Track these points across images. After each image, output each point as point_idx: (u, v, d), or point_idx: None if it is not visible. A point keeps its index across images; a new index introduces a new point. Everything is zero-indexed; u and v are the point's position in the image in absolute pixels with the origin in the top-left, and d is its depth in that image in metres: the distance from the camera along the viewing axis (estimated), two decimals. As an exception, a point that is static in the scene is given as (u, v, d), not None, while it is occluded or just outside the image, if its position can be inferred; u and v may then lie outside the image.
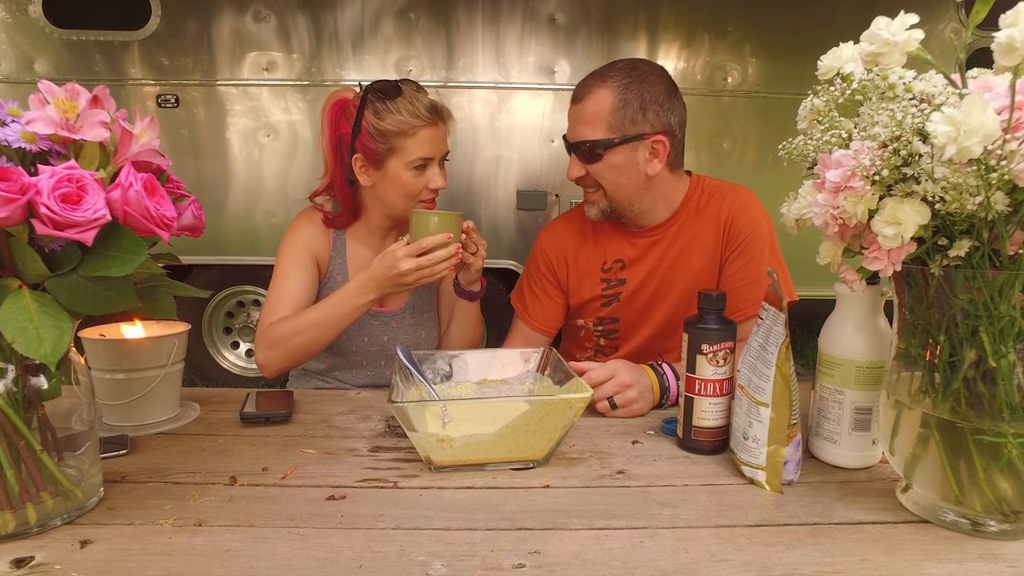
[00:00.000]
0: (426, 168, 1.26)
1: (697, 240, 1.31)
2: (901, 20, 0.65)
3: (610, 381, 1.03)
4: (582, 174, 1.25)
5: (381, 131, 1.23)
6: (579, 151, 1.24)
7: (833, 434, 0.85)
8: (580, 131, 1.23)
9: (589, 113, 1.22)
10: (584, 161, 1.24)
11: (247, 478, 0.82)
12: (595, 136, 1.21)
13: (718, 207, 1.31)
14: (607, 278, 1.36)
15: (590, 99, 1.22)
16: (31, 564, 0.63)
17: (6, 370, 0.67)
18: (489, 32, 2.76)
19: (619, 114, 1.20)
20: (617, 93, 1.20)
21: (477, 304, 1.37)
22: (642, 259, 1.34)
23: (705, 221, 1.31)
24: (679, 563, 0.64)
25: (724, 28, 2.80)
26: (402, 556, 0.65)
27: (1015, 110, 0.58)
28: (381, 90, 1.24)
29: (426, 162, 1.25)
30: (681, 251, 1.31)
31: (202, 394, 1.16)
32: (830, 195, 0.68)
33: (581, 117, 1.23)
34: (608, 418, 1.04)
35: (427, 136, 1.24)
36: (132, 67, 2.75)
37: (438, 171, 1.28)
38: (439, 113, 1.26)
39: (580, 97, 1.23)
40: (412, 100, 1.23)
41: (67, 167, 0.62)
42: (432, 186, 1.27)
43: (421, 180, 1.27)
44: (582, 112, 1.23)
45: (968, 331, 0.66)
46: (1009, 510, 0.68)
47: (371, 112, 1.23)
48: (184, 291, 0.83)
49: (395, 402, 0.79)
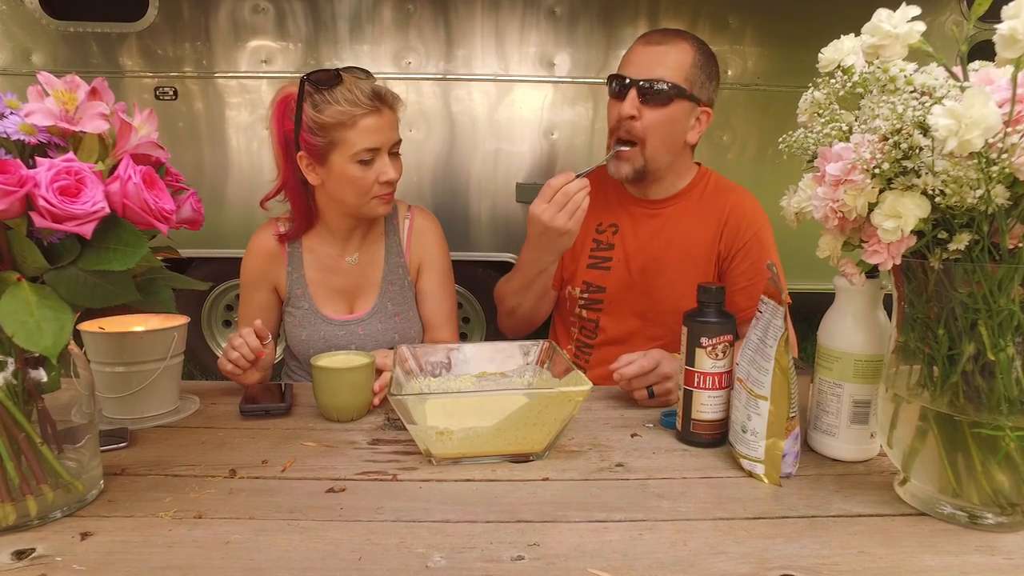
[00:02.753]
0: (374, 160, 1.19)
1: (696, 229, 1.32)
2: (902, 12, 0.65)
3: (653, 371, 1.03)
4: (634, 113, 1.22)
5: (320, 124, 1.16)
6: (647, 90, 1.21)
7: (831, 427, 0.85)
8: (656, 70, 1.21)
9: (672, 58, 1.22)
10: (646, 103, 1.22)
11: (247, 471, 0.82)
12: (669, 78, 1.21)
13: (723, 202, 1.33)
14: (599, 239, 1.37)
15: (673, 45, 1.22)
16: (32, 556, 0.63)
17: (6, 363, 0.67)
18: (488, 24, 2.75)
19: (696, 71, 1.23)
20: (698, 52, 1.24)
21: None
22: (636, 230, 1.35)
23: (707, 213, 1.33)
24: (678, 555, 0.64)
25: (724, 20, 2.79)
26: (401, 548, 0.65)
27: (1016, 103, 0.58)
28: (317, 80, 1.16)
29: (372, 153, 1.18)
30: (678, 234, 1.33)
31: (202, 387, 1.16)
32: (830, 188, 0.67)
33: (661, 59, 1.22)
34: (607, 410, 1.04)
35: (370, 125, 1.16)
36: (130, 59, 2.73)
37: (388, 162, 1.20)
38: (382, 99, 1.18)
39: (660, 41, 1.23)
40: (351, 88, 1.15)
41: (65, 159, 0.62)
42: (383, 179, 1.20)
43: (370, 174, 1.19)
44: (663, 54, 1.22)
45: (967, 325, 0.66)
46: (1006, 503, 0.68)
47: (309, 105, 1.16)
48: (183, 284, 0.82)
49: (394, 395, 0.80)
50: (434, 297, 1.38)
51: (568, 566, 0.62)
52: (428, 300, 1.38)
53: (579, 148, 2.83)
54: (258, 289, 1.33)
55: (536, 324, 1.43)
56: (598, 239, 1.37)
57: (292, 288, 1.32)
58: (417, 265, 1.38)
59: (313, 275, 1.32)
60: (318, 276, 1.33)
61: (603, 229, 1.37)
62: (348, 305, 1.35)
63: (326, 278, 1.33)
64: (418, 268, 1.39)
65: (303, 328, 1.32)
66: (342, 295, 1.34)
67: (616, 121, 1.25)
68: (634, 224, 1.35)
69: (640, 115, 1.22)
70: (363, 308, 1.34)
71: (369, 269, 1.35)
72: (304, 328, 1.32)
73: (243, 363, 1.05)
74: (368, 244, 1.35)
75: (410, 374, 0.97)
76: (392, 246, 1.36)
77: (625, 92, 1.23)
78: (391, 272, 1.35)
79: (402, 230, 1.37)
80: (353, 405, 0.99)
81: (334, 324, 1.32)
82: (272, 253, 1.32)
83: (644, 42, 1.25)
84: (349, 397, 0.99)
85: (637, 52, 1.25)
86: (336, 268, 1.33)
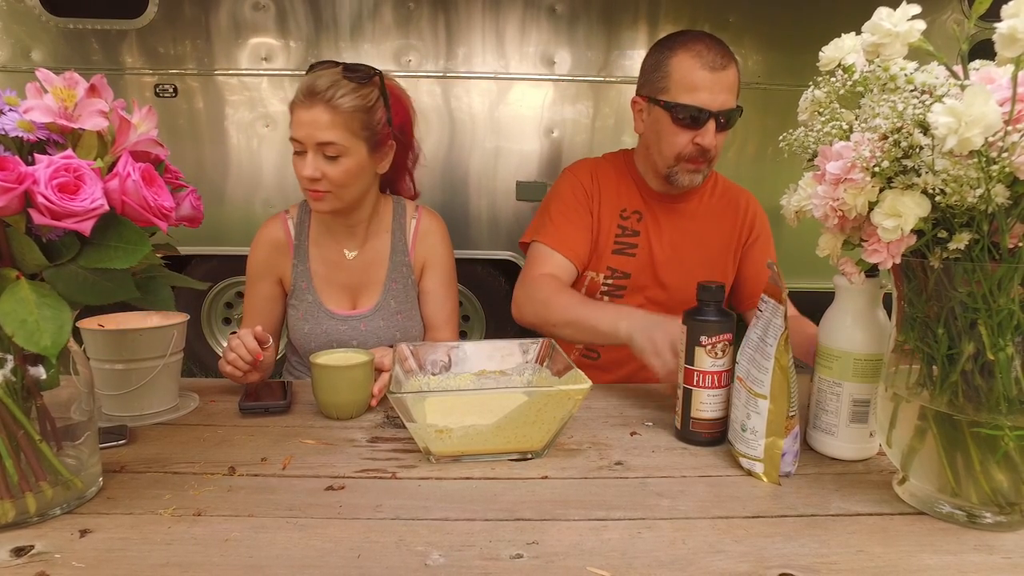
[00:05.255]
0: (305, 154, 1.18)
1: (714, 224, 1.39)
2: (903, 10, 0.65)
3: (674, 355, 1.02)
4: (715, 143, 1.25)
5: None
6: (725, 123, 1.24)
7: (831, 426, 0.85)
8: (726, 100, 1.23)
9: (733, 82, 1.24)
10: (720, 130, 1.25)
11: (246, 468, 0.82)
12: (735, 105, 1.25)
13: (736, 198, 1.42)
14: (624, 225, 1.38)
15: (731, 69, 1.24)
16: (31, 553, 0.63)
17: (5, 360, 0.66)
18: (489, 22, 2.75)
19: (738, 85, 1.26)
20: (737, 66, 1.26)
21: None
22: (658, 220, 1.38)
23: (725, 208, 1.41)
24: (676, 554, 0.64)
25: (725, 18, 2.79)
26: (400, 546, 0.65)
27: (1017, 102, 0.58)
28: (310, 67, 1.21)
29: (300, 146, 1.18)
30: (696, 227, 1.38)
31: (201, 385, 1.16)
32: (830, 187, 0.67)
33: (727, 86, 1.23)
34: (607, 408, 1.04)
35: (298, 118, 1.17)
36: (129, 56, 2.73)
37: (309, 159, 1.18)
38: (314, 94, 1.16)
39: (724, 66, 1.23)
40: (311, 78, 1.17)
41: (64, 156, 0.62)
42: (300, 173, 1.19)
43: (299, 166, 1.19)
44: (727, 81, 1.23)
45: (966, 324, 0.66)
46: (1005, 502, 0.68)
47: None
48: (183, 282, 0.82)
49: (394, 393, 0.80)
50: (436, 297, 1.38)
51: (567, 564, 0.62)
52: (430, 300, 1.39)
53: (579, 146, 2.83)
54: (263, 280, 1.34)
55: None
56: (623, 225, 1.38)
57: (297, 281, 1.33)
58: (421, 265, 1.39)
59: (318, 269, 1.33)
60: (323, 270, 1.33)
61: (627, 215, 1.38)
62: (351, 301, 1.35)
63: (330, 273, 1.34)
64: (422, 268, 1.39)
65: (306, 321, 1.32)
66: (346, 290, 1.35)
67: (692, 147, 1.25)
68: (656, 214, 1.38)
69: (716, 141, 1.25)
70: (366, 305, 1.35)
71: (373, 266, 1.35)
72: (307, 321, 1.32)
73: (241, 365, 1.06)
74: (372, 241, 1.36)
75: (410, 372, 0.97)
76: (398, 244, 1.37)
77: (702, 123, 1.23)
78: (395, 270, 1.36)
79: (408, 229, 1.38)
80: (352, 403, 0.99)
81: (337, 319, 1.32)
82: (279, 245, 1.33)
83: (710, 67, 1.21)
84: (348, 395, 0.99)
85: (704, 79, 1.22)
86: (340, 264, 1.34)
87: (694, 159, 1.27)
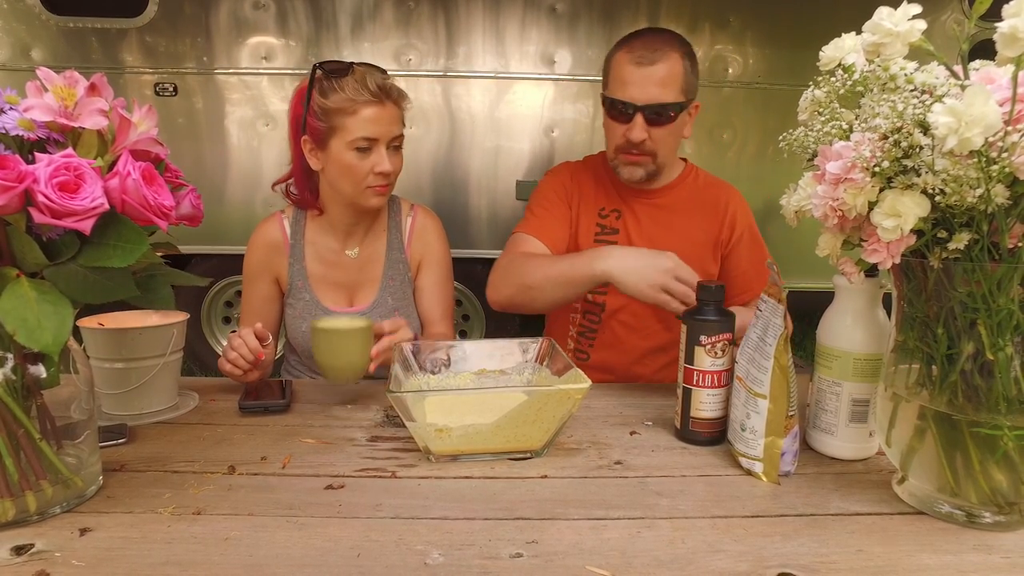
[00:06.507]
0: (371, 150, 1.21)
1: (695, 218, 1.38)
2: (903, 10, 0.65)
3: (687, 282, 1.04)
4: (645, 137, 1.26)
5: (324, 109, 1.19)
6: (654, 117, 1.24)
7: (830, 426, 0.85)
8: (655, 93, 1.23)
9: (665, 76, 1.23)
10: (652, 124, 1.25)
11: (246, 467, 0.82)
12: (671, 99, 1.24)
13: (716, 195, 1.40)
14: (603, 224, 1.39)
15: (665, 62, 1.23)
16: (31, 551, 0.63)
17: (5, 359, 0.67)
18: (489, 21, 2.75)
19: (688, 78, 1.25)
20: (686, 58, 1.25)
21: None
22: (637, 216, 1.39)
23: (704, 202, 1.40)
24: (676, 553, 0.64)
25: (725, 18, 2.79)
26: (400, 545, 0.65)
27: (1017, 102, 0.58)
28: (330, 69, 1.20)
29: (370, 143, 1.20)
30: (677, 221, 1.38)
31: (201, 383, 1.16)
32: (830, 187, 0.67)
33: (658, 80, 1.23)
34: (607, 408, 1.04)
35: (370, 115, 1.19)
36: (129, 55, 2.73)
37: (384, 153, 1.21)
38: (387, 93, 1.20)
39: (653, 60, 1.22)
40: (360, 79, 1.18)
41: (64, 155, 0.62)
42: (377, 169, 1.21)
43: (366, 163, 1.21)
44: (657, 75, 1.22)
45: (966, 324, 0.66)
46: (1004, 502, 0.68)
47: (317, 91, 1.20)
48: (183, 280, 0.82)
49: (393, 392, 0.80)
50: (432, 294, 1.39)
51: (566, 563, 0.62)
52: (425, 296, 1.40)
53: (579, 145, 2.82)
54: (260, 280, 1.35)
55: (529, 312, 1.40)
56: (602, 223, 1.39)
57: (293, 280, 1.33)
58: (418, 262, 1.40)
59: (314, 268, 1.34)
60: (319, 269, 1.34)
61: (606, 214, 1.40)
62: (348, 299, 1.36)
63: (327, 271, 1.34)
64: (418, 265, 1.40)
65: (303, 320, 1.33)
66: (342, 289, 1.35)
67: (624, 140, 1.27)
68: (634, 209, 1.39)
69: (649, 135, 1.26)
70: (363, 302, 1.35)
71: (370, 264, 1.36)
72: (304, 320, 1.32)
73: (242, 364, 1.06)
74: (370, 239, 1.36)
75: (409, 371, 0.97)
76: (394, 242, 1.37)
77: (631, 117, 1.25)
78: (392, 267, 1.36)
79: (404, 227, 1.39)
80: (349, 366, 1.01)
81: (331, 315, 1.32)
82: (275, 244, 1.34)
83: (635, 62, 1.22)
84: (345, 358, 1.01)
85: (631, 73, 1.23)
86: (337, 262, 1.34)
87: (628, 152, 1.29)
